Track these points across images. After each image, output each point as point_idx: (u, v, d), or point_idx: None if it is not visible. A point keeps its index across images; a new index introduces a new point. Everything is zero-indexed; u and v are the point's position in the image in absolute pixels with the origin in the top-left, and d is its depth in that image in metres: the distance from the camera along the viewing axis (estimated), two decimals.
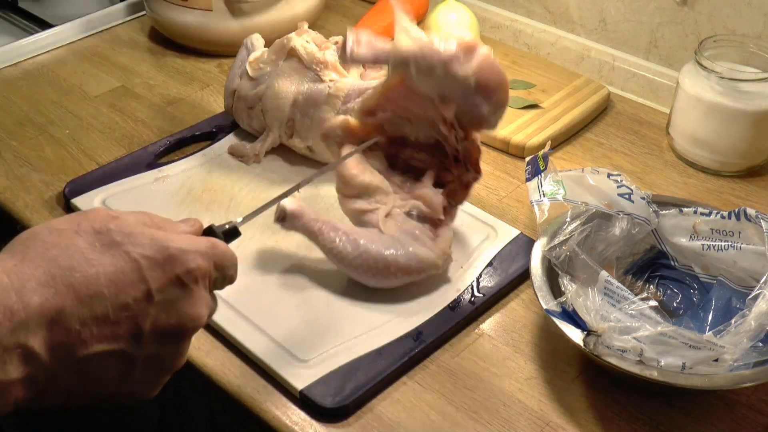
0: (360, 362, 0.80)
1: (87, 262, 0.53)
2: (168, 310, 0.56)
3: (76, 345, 0.53)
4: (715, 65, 1.02)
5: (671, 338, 0.71)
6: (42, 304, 0.51)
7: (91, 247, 0.54)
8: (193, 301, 0.58)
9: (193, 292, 0.57)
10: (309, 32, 1.05)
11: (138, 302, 0.54)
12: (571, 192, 0.83)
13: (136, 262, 0.55)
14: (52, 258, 0.53)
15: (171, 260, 0.56)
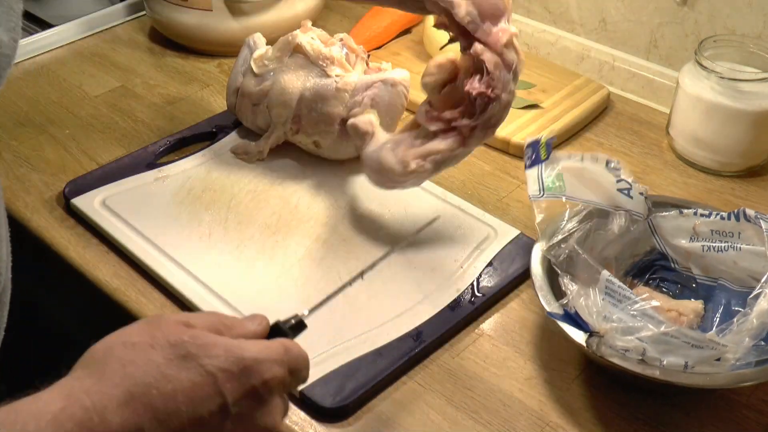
0: (360, 362, 0.80)
1: (164, 378, 0.54)
2: (244, 421, 0.57)
3: None
4: (715, 65, 1.02)
5: (674, 338, 0.71)
6: (122, 424, 0.52)
7: (167, 361, 0.55)
8: (268, 410, 0.58)
9: (268, 402, 0.58)
10: (313, 29, 1.06)
11: (214, 416, 0.55)
12: (571, 188, 0.82)
13: (212, 375, 0.55)
14: (129, 375, 0.54)
15: (246, 372, 0.57)
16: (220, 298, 0.86)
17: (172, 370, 0.54)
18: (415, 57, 1.27)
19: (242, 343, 0.59)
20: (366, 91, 1.01)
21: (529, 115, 1.13)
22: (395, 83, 1.03)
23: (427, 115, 0.88)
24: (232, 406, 0.56)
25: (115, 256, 0.93)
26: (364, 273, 0.76)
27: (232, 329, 0.60)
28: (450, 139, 0.87)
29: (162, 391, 0.53)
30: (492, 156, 1.10)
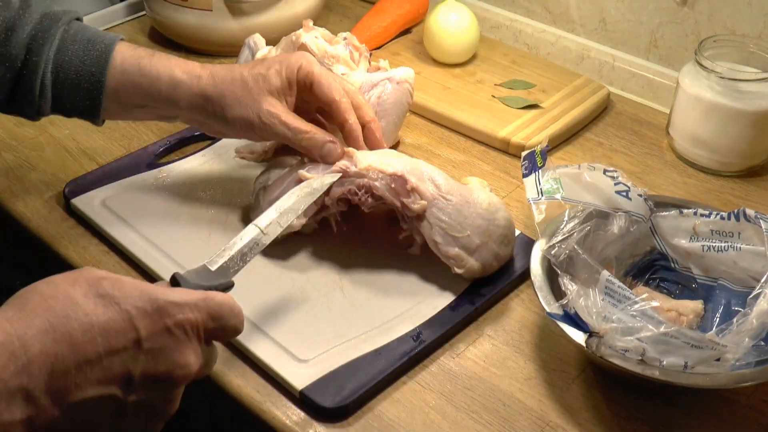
0: (360, 362, 0.80)
1: (82, 311, 0.57)
2: (157, 357, 0.59)
3: (71, 388, 0.56)
4: (715, 65, 1.02)
5: (673, 338, 0.71)
6: (42, 350, 0.55)
7: (85, 297, 0.58)
8: (182, 350, 0.61)
9: (182, 342, 0.61)
10: (316, 29, 1.06)
11: (128, 349, 0.58)
12: (569, 190, 0.83)
13: (126, 312, 0.59)
14: (49, 307, 0.57)
15: (160, 311, 0.60)
16: None
17: (89, 305, 0.57)
18: (415, 57, 1.27)
19: (159, 287, 0.62)
20: (372, 90, 1.02)
21: (529, 115, 1.13)
22: (401, 81, 1.03)
23: None
24: (144, 341, 0.58)
25: (115, 256, 0.93)
26: None
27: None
28: None
29: (79, 322, 0.56)
30: (492, 156, 1.10)
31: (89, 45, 0.87)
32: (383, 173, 0.85)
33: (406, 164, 0.87)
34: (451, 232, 0.85)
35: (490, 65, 1.25)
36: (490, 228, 0.86)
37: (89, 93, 0.87)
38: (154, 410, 0.61)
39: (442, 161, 1.09)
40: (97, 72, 0.86)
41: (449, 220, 0.85)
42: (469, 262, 0.85)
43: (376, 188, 0.86)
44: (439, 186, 0.86)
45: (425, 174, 0.86)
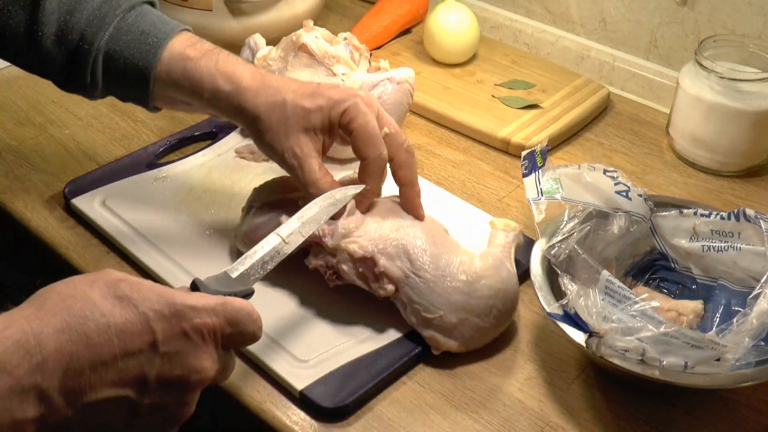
0: (360, 362, 0.80)
1: (99, 312, 0.57)
2: (173, 361, 0.59)
3: (86, 389, 0.56)
4: (715, 65, 1.02)
5: (673, 338, 0.71)
6: (57, 348, 0.55)
7: (104, 298, 0.58)
8: (198, 355, 0.60)
9: (198, 347, 0.60)
10: (317, 29, 1.06)
11: (144, 352, 0.58)
12: (569, 190, 0.83)
13: (144, 314, 0.59)
14: (67, 307, 0.57)
15: (177, 315, 0.60)
16: None
17: (107, 306, 0.57)
18: (415, 57, 1.27)
19: (177, 291, 0.62)
20: (372, 90, 1.01)
21: (529, 115, 1.13)
22: (401, 81, 1.03)
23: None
24: (161, 344, 0.58)
25: (115, 256, 0.93)
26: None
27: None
28: None
29: (96, 322, 0.56)
30: (492, 156, 1.10)
31: (142, 37, 0.85)
32: (352, 256, 0.81)
33: (383, 236, 0.81)
34: (423, 313, 0.80)
35: (490, 65, 1.25)
36: (469, 302, 0.79)
37: (137, 85, 0.86)
38: (168, 414, 0.61)
39: (442, 161, 1.09)
40: (143, 67, 0.84)
41: (420, 300, 0.80)
42: (445, 343, 0.80)
43: (344, 272, 0.81)
44: (414, 261, 0.80)
45: (401, 248, 0.81)
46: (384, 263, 0.80)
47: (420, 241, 0.82)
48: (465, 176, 1.06)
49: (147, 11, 0.88)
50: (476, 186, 1.04)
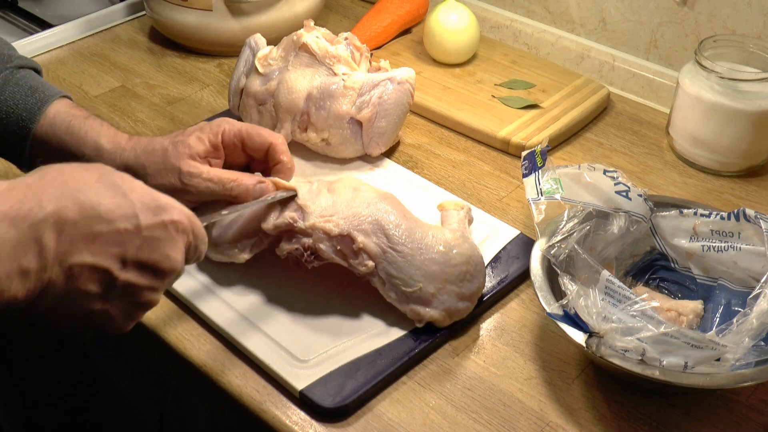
0: (360, 362, 0.80)
1: (93, 190, 0.64)
2: (152, 245, 0.66)
3: (73, 251, 0.62)
4: (715, 65, 1.02)
5: (673, 338, 0.71)
6: (55, 211, 0.61)
7: (98, 182, 0.64)
8: (172, 246, 0.67)
9: (174, 239, 0.67)
10: (317, 29, 1.06)
11: (129, 233, 0.64)
12: (568, 190, 0.83)
13: (132, 202, 0.65)
14: (65, 181, 0.63)
15: (161, 208, 0.67)
16: (218, 298, 0.86)
17: (100, 189, 0.64)
18: (415, 57, 1.27)
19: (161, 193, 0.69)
20: (373, 90, 1.02)
21: (529, 115, 1.13)
22: (402, 81, 1.03)
23: None
24: (144, 230, 0.65)
25: None
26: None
27: None
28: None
29: (89, 199, 0.63)
30: (492, 156, 1.10)
31: (29, 92, 0.88)
32: (328, 234, 0.82)
33: (357, 213, 0.83)
34: (403, 288, 0.81)
35: (490, 65, 1.25)
36: (445, 271, 0.82)
37: (17, 137, 0.88)
38: (139, 297, 0.66)
39: (442, 161, 1.09)
40: (27, 118, 0.87)
41: (400, 275, 0.81)
42: (426, 314, 0.82)
43: (322, 251, 0.82)
44: (391, 236, 0.82)
45: (376, 224, 0.82)
46: (362, 239, 0.82)
47: (393, 216, 0.84)
48: (465, 176, 1.06)
49: (35, 75, 0.91)
50: (476, 186, 1.05)
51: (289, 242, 0.84)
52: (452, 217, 0.89)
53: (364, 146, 1.04)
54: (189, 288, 0.87)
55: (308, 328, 0.84)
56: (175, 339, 0.84)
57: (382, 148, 1.05)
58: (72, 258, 0.62)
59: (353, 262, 0.82)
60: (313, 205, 0.84)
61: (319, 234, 0.82)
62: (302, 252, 0.83)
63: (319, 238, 0.82)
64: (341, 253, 0.83)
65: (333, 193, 0.85)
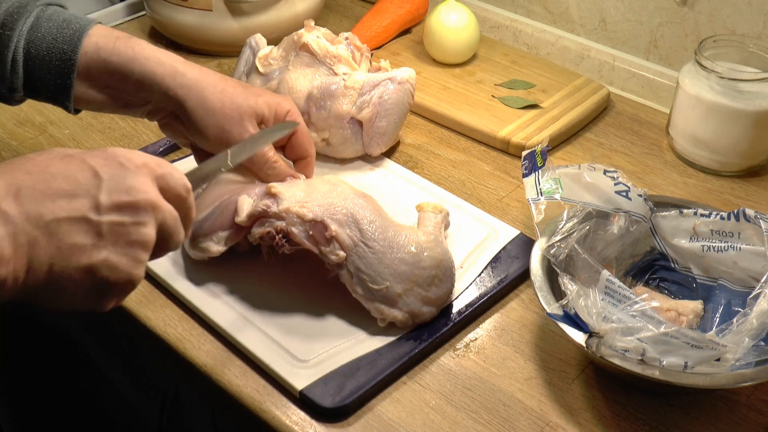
0: (360, 362, 0.80)
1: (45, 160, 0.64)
2: (118, 183, 0.64)
3: (42, 210, 0.61)
4: (715, 65, 1.02)
5: (673, 338, 0.71)
6: (6, 182, 0.61)
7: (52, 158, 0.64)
8: (135, 177, 0.65)
9: (135, 172, 0.65)
10: (318, 29, 1.06)
11: (88, 181, 0.64)
12: (568, 190, 0.83)
13: (84, 160, 0.65)
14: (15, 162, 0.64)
15: (113, 154, 0.66)
16: (218, 298, 0.86)
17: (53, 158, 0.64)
18: (415, 57, 1.27)
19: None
20: (373, 90, 1.02)
21: (529, 115, 1.13)
22: (402, 81, 1.03)
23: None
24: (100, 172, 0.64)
25: None
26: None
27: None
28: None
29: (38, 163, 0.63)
30: (492, 156, 1.10)
31: (64, 24, 0.87)
32: (302, 219, 0.82)
33: (332, 204, 0.83)
34: (370, 284, 0.81)
35: (490, 65, 1.25)
36: (414, 272, 0.82)
37: (60, 71, 0.86)
38: (130, 235, 0.65)
39: (442, 161, 1.09)
40: (68, 50, 0.85)
41: (368, 271, 0.81)
42: (390, 314, 0.82)
43: (294, 234, 0.82)
44: (363, 230, 0.82)
45: (350, 216, 0.82)
46: (335, 228, 0.82)
47: (368, 211, 0.84)
48: (465, 176, 1.06)
49: (64, 10, 0.90)
50: (476, 186, 1.05)
51: (262, 226, 0.84)
52: (429, 220, 0.89)
53: (364, 146, 1.04)
54: (189, 288, 0.87)
55: (308, 328, 0.84)
56: (176, 339, 0.84)
57: (382, 148, 1.05)
58: (44, 217, 0.61)
59: (324, 250, 0.82)
60: (288, 192, 0.84)
61: (292, 218, 0.82)
62: (274, 235, 0.83)
63: (293, 222, 0.82)
64: (313, 238, 0.82)
65: (310, 186, 0.86)
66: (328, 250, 0.82)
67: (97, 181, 0.64)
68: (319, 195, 0.84)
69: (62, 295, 0.64)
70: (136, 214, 0.65)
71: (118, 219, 0.64)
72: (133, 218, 0.65)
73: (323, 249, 0.82)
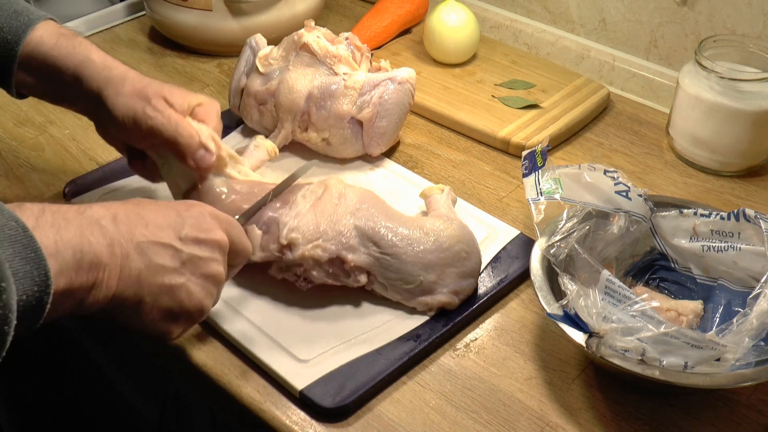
0: (360, 362, 0.80)
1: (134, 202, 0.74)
2: (198, 223, 0.74)
3: (134, 232, 0.70)
4: (715, 65, 1.02)
5: (673, 338, 0.71)
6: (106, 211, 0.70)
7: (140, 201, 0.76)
8: (212, 222, 0.75)
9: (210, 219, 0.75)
10: (318, 29, 1.06)
11: (173, 217, 0.73)
12: (568, 190, 0.83)
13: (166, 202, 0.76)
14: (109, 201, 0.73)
15: (189, 203, 0.77)
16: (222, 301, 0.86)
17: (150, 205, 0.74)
18: (415, 57, 1.27)
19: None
20: (374, 90, 1.02)
21: (529, 115, 1.13)
22: (403, 81, 1.03)
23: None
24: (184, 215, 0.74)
25: None
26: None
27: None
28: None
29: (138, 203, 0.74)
30: (492, 156, 1.10)
31: (13, 15, 0.90)
32: (318, 261, 0.82)
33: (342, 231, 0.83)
34: (405, 286, 0.83)
35: (490, 65, 1.25)
36: (440, 256, 0.83)
37: (3, 59, 0.89)
38: (206, 268, 0.74)
39: (442, 161, 1.09)
40: (12, 40, 0.89)
41: (397, 275, 0.83)
42: (434, 302, 0.83)
43: (314, 277, 0.84)
44: (379, 242, 0.83)
45: (363, 235, 0.83)
46: (352, 258, 0.83)
47: (376, 219, 0.84)
48: (465, 176, 1.06)
49: (20, 1, 0.93)
50: (476, 186, 1.05)
51: (281, 271, 0.85)
52: (436, 202, 0.91)
53: (364, 146, 1.04)
54: None
55: (308, 328, 0.84)
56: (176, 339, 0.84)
57: (382, 148, 1.05)
58: (137, 237, 0.70)
59: (347, 281, 0.84)
60: (298, 231, 0.83)
61: (309, 263, 0.83)
62: (295, 278, 0.85)
63: (310, 266, 0.83)
64: (333, 275, 0.84)
65: (316, 208, 0.85)
66: (350, 281, 0.84)
67: (180, 219, 0.74)
68: (326, 221, 0.84)
69: (141, 311, 0.71)
70: (211, 251, 0.75)
71: (197, 252, 0.73)
72: (209, 254, 0.74)
73: (345, 281, 0.84)
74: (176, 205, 0.75)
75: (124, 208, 0.71)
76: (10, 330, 0.59)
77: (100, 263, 0.66)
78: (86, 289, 0.66)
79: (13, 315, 0.58)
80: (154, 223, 0.72)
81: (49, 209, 0.65)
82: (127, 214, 0.71)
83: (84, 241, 0.65)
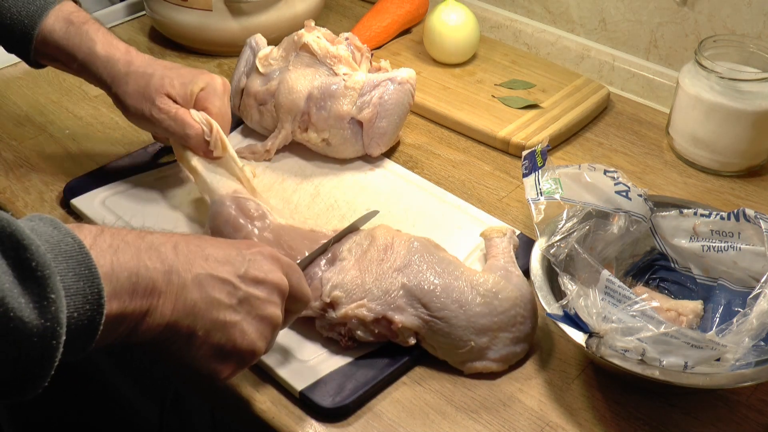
0: (360, 362, 0.80)
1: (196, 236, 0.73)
2: (258, 264, 0.72)
3: (194, 264, 0.68)
4: (715, 65, 1.02)
5: (673, 338, 0.71)
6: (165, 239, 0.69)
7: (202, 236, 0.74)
8: (272, 264, 0.73)
9: (270, 261, 0.74)
10: (318, 29, 1.06)
11: (234, 255, 0.72)
12: (568, 190, 0.83)
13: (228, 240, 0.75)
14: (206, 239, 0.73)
15: (251, 243, 0.76)
16: None
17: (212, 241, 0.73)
18: (415, 57, 1.27)
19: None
20: (374, 90, 1.02)
21: (529, 115, 1.13)
22: (403, 82, 1.03)
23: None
24: (247, 253, 0.72)
25: None
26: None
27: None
28: None
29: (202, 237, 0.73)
30: (492, 156, 1.10)
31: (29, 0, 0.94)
32: (363, 321, 0.79)
33: (389, 289, 0.79)
34: (456, 350, 0.78)
35: (490, 65, 1.25)
36: (494, 320, 0.78)
37: (20, 40, 0.94)
38: (262, 309, 0.71)
39: (442, 161, 1.09)
40: (28, 25, 0.93)
41: (448, 339, 0.78)
42: (482, 367, 0.79)
43: (360, 336, 0.80)
44: (428, 304, 0.78)
45: (411, 295, 0.79)
46: (399, 319, 0.79)
47: (425, 280, 0.79)
48: (465, 176, 1.06)
49: None
50: (476, 186, 1.05)
51: (326, 330, 0.81)
52: (496, 247, 0.86)
53: (364, 146, 1.04)
54: None
55: (308, 329, 0.84)
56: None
57: (382, 148, 1.05)
58: (195, 269, 0.68)
59: (396, 340, 0.80)
60: (342, 288, 0.80)
61: (353, 322, 0.79)
62: (341, 337, 0.81)
63: (355, 326, 0.80)
64: (380, 335, 0.80)
65: (362, 263, 0.82)
66: (399, 341, 0.80)
67: (241, 258, 0.72)
68: (371, 278, 0.80)
69: (192, 344, 0.68)
70: (269, 293, 0.72)
71: (255, 292, 0.71)
72: (267, 295, 0.72)
73: (393, 340, 0.80)
74: (238, 243, 0.74)
75: (185, 239, 0.70)
76: (59, 345, 0.56)
77: (155, 289, 0.64)
78: (140, 315, 0.64)
79: (63, 329, 0.56)
80: (215, 257, 0.70)
81: (108, 231, 0.64)
82: (188, 245, 0.69)
83: (141, 265, 0.64)
